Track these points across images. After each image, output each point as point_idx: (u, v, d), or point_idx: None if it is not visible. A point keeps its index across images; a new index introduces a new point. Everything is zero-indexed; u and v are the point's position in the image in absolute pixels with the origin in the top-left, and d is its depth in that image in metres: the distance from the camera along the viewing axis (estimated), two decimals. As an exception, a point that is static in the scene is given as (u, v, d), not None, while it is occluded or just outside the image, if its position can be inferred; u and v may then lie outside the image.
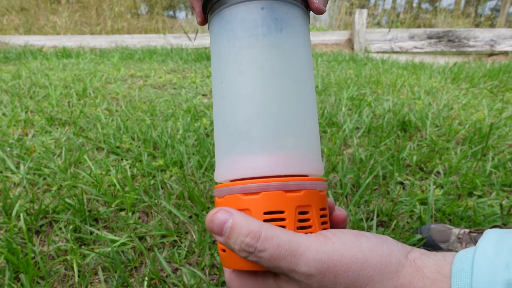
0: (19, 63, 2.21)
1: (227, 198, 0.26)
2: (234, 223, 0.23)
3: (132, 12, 5.06)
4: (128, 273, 0.63)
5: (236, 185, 0.25)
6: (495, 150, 1.04)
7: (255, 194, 0.25)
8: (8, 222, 0.72)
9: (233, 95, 0.27)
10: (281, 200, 0.25)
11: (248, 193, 0.25)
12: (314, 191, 0.26)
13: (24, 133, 1.13)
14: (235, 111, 0.26)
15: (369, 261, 0.23)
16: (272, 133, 0.26)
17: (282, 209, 0.25)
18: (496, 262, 0.20)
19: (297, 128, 0.26)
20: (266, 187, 0.25)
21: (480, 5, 5.01)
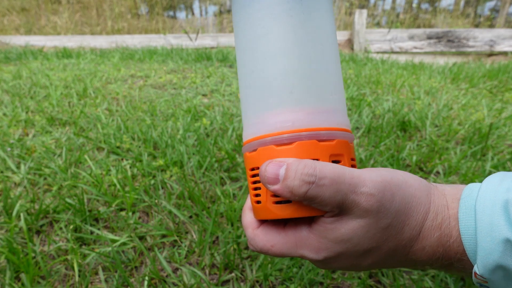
0: (19, 63, 2.21)
1: (260, 151, 0.26)
2: (289, 164, 0.24)
3: (133, 13, 5.06)
4: (128, 273, 0.63)
5: (268, 136, 0.26)
6: (494, 150, 1.05)
7: (288, 145, 0.25)
8: (9, 222, 0.72)
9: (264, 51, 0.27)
10: (315, 149, 0.25)
11: (281, 144, 0.25)
12: (345, 141, 0.27)
13: (25, 133, 1.13)
14: (266, 67, 0.27)
15: (410, 182, 0.26)
16: (302, 88, 0.26)
17: (316, 157, 0.25)
18: (499, 188, 0.24)
19: (326, 84, 0.27)
20: (299, 136, 0.25)
21: (480, 6, 5.01)
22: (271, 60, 0.26)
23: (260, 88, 0.27)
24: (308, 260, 0.29)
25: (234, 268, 0.64)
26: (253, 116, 0.27)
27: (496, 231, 0.22)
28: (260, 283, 0.62)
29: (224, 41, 3.68)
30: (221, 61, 2.41)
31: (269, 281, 0.62)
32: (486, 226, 0.23)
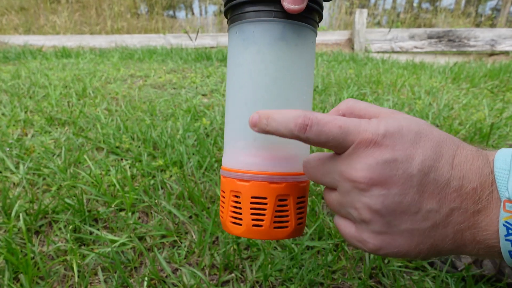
0: (18, 63, 2.21)
1: (227, 179, 0.33)
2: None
3: (132, 12, 5.05)
4: (128, 273, 0.63)
5: (233, 172, 0.32)
6: (495, 150, 1.04)
7: (246, 182, 0.31)
8: (8, 222, 0.71)
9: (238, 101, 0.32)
10: (265, 189, 0.31)
11: (241, 180, 0.32)
12: (294, 183, 0.32)
13: (24, 133, 1.12)
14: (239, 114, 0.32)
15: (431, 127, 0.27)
16: (263, 137, 0.31)
17: (265, 196, 0.31)
18: None
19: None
20: (255, 177, 0.31)
21: (481, 5, 5.00)
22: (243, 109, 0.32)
23: (233, 130, 0.33)
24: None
25: (234, 269, 0.63)
26: (228, 149, 0.34)
27: None
28: (260, 283, 0.62)
29: (224, 41, 3.67)
30: (221, 60, 2.41)
31: (269, 281, 0.61)
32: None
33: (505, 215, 0.23)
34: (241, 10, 0.31)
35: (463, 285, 0.61)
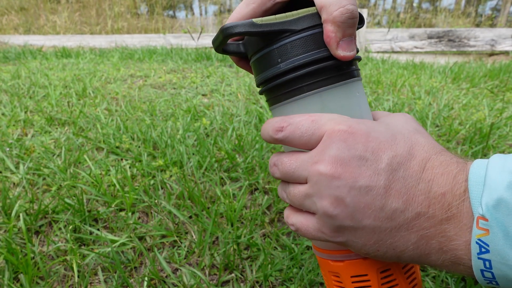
0: (18, 63, 2.21)
1: (321, 260, 0.32)
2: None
3: (132, 12, 5.05)
4: (128, 273, 0.63)
5: (325, 253, 0.31)
6: (495, 150, 1.04)
7: (340, 262, 0.30)
8: (8, 222, 0.71)
9: None
10: (362, 265, 0.29)
11: (335, 260, 0.30)
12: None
13: (24, 133, 1.12)
14: None
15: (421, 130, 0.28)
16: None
17: (365, 272, 0.29)
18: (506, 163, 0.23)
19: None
20: (348, 257, 0.29)
21: (481, 5, 5.00)
22: None
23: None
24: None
25: (234, 269, 0.63)
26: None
27: (506, 169, 0.22)
28: (260, 283, 0.62)
29: (224, 41, 3.67)
30: (221, 60, 2.41)
31: (269, 281, 0.61)
32: (498, 165, 0.23)
33: (478, 233, 0.22)
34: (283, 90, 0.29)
35: (463, 285, 0.61)
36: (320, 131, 0.26)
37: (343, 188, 0.25)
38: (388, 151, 0.25)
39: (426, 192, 0.24)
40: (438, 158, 0.25)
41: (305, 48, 0.27)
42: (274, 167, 0.30)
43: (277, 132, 0.27)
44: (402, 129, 0.27)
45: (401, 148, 0.25)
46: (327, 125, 0.26)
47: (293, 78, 0.27)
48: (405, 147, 0.25)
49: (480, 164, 0.24)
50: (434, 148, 0.26)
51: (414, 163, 0.25)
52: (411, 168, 0.25)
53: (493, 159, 0.24)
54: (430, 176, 0.24)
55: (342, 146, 0.25)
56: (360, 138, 0.25)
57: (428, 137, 0.27)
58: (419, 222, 0.24)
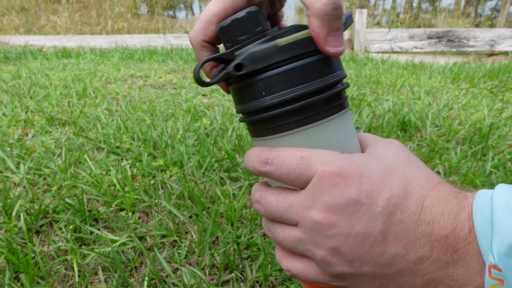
0: (19, 63, 2.21)
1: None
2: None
3: (132, 12, 5.05)
4: (128, 273, 0.63)
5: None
6: (495, 150, 1.05)
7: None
8: (8, 222, 0.72)
9: None
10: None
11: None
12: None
13: (24, 133, 1.13)
14: None
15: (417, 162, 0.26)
16: None
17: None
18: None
19: None
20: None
21: (480, 5, 5.01)
22: None
23: None
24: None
25: (234, 268, 0.64)
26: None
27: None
28: (260, 283, 0.62)
29: (224, 41, 3.67)
30: (221, 61, 2.41)
31: (269, 281, 0.62)
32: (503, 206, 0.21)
33: (492, 283, 0.21)
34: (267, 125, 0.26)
35: None
36: (309, 171, 0.24)
37: (339, 236, 0.24)
38: (383, 192, 0.23)
39: (427, 235, 0.23)
40: (435, 194, 0.24)
41: (293, 82, 0.24)
42: (257, 203, 0.27)
43: (263, 164, 0.25)
44: (394, 162, 0.25)
45: (396, 187, 0.23)
46: (316, 166, 0.24)
47: (279, 114, 0.25)
48: (400, 185, 0.24)
49: (483, 200, 0.22)
50: (430, 181, 0.24)
51: (411, 203, 0.23)
52: (408, 209, 0.23)
53: (497, 194, 0.22)
54: (430, 217, 0.23)
55: (335, 192, 0.23)
56: (352, 181, 0.23)
57: (421, 167, 0.26)
58: (423, 267, 0.23)
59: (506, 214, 0.21)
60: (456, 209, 0.23)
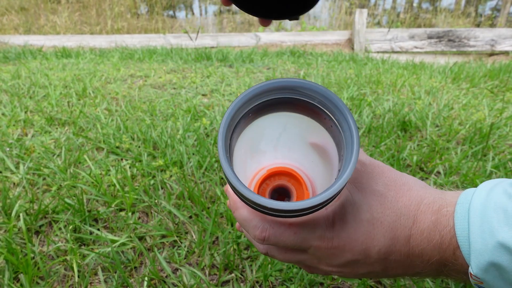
0: (18, 63, 2.21)
1: None
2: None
3: (132, 12, 5.05)
4: (128, 273, 0.63)
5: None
6: (495, 150, 1.04)
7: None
8: (8, 222, 0.71)
9: None
10: None
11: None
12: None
13: (24, 133, 1.12)
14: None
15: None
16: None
17: None
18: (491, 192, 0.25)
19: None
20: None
21: (481, 5, 5.00)
22: None
23: None
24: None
25: (234, 269, 0.63)
26: None
27: (486, 232, 0.23)
28: (260, 283, 0.62)
29: (224, 41, 3.67)
30: (221, 61, 2.41)
31: (269, 281, 0.61)
32: (477, 228, 0.24)
33: (474, 281, 0.25)
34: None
35: (463, 285, 0.61)
36: (305, 244, 0.28)
37: (348, 275, 0.30)
38: (372, 248, 0.27)
39: (420, 262, 0.27)
40: (418, 229, 0.27)
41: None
42: (265, 254, 0.32)
43: (260, 240, 0.29)
44: (375, 212, 0.27)
45: (382, 238, 0.27)
46: (310, 240, 0.28)
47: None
48: (385, 235, 0.27)
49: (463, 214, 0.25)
50: (409, 216, 0.27)
51: (399, 246, 0.27)
52: (398, 251, 0.27)
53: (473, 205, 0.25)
54: (418, 252, 0.27)
55: (334, 258, 0.28)
56: (344, 248, 0.27)
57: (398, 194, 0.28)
58: (420, 276, 0.29)
59: (480, 232, 0.24)
60: (440, 240, 0.26)
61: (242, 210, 0.29)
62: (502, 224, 0.23)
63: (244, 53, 2.62)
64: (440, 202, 0.27)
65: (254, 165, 0.32)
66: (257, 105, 0.28)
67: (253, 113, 0.28)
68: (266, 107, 0.28)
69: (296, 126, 0.31)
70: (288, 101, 0.28)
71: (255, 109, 0.28)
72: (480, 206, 0.24)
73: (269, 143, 0.33)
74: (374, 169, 0.29)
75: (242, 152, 0.31)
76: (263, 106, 0.28)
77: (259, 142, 0.32)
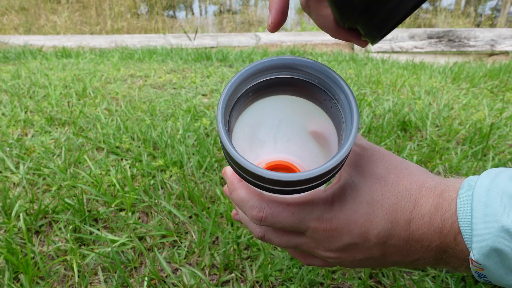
0: (18, 63, 2.21)
1: None
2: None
3: (132, 12, 5.05)
4: (128, 273, 0.63)
5: None
6: (495, 150, 1.04)
7: None
8: (8, 222, 0.71)
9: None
10: None
11: None
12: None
13: (24, 133, 1.12)
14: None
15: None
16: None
17: None
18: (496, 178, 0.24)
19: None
20: None
21: (481, 5, 5.00)
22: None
23: None
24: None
25: (234, 269, 0.63)
26: None
27: (490, 217, 0.23)
28: (260, 283, 0.62)
29: (224, 41, 3.67)
30: (221, 61, 2.41)
31: (269, 281, 0.61)
32: (481, 213, 0.23)
33: (474, 268, 0.24)
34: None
35: (463, 285, 0.61)
36: (302, 226, 0.27)
37: (345, 262, 0.29)
38: (371, 230, 0.26)
39: (419, 248, 0.26)
40: (419, 213, 0.26)
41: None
42: (261, 239, 0.31)
43: (258, 221, 0.28)
44: (375, 195, 0.27)
45: (381, 221, 0.26)
46: (308, 221, 0.27)
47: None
48: (384, 217, 0.26)
49: (466, 198, 0.25)
50: (410, 199, 0.26)
51: (399, 230, 0.26)
52: (397, 235, 0.26)
53: (478, 190, 0.24)
54: (418, 236, 0.26)
55: (332, 240, 0.27)
56: (342, 230, 0.27)
57: (399, 177, 0.27)
58: (419, 263, 0.28)
59: (483, 217, 0.23)
60: (441, 224, 0.25)
61: (239, 191, 0.28)
62: (507, 209, 0.22)
63: (244, 53, 2.62)
64: (442, 187, 0.26)
65: (252, 158, 0.32)
66: (257, 84, 0.27)
67: (253, 93, 0.28)
68: (266, 88, 0.28)
69: (296, 113, 0.30)
70: (288, 82, 0.27)
71: (255, 88, 0.27)
72: (485, 192, 0.24)
73: (269, 132, 0.32)
74: (375, 153, 0.29)
75: (241, 138, 0.30)
76: (263, 85, 0.28)
77: (259, 129, 0.32)
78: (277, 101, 0.29)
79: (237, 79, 0.26)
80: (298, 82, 0.27)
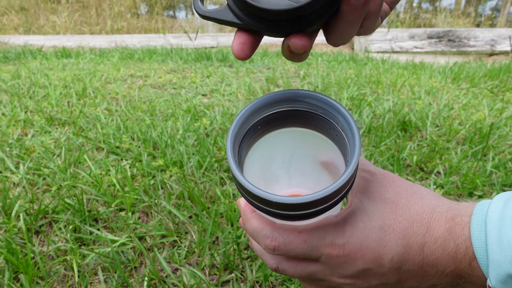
0: (18, 63, 2.21)
1: None
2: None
3: (132, 12, 5.05)
4: (128, 273, 0.63)
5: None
6: (495, 150, 1.04)
7: None
8: (8, 222, 0.71)
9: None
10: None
11: None
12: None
13: (24, 133, 1.12)
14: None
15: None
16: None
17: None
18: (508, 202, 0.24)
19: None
20: None
21: (481, 5, 5.01)
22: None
23: None
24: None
25: (234, 269, 0.63)
26: None
27: (505, 243, 0.23)
28: (260, 283, 0.62)
29: (224, 41, 3.67)
30: (221, 60, 2.41)
31: (269, 281, 0.61)
32: (495, 238, 0.23)
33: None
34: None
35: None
36: (315, 253, 0.27)
37: (362, 286, 0.28)
38: (384, 255, 0.26)
39: (435, 272, 0.26)
40: (432, 238, 0.26)
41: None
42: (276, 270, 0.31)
43: (271, 250, 0.28)
44: (387, 219, 0.27)
45: (395, 246, 0.26)
46: (320, 248, 0.27)
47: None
48: (397, 242, 0.26)
49: (479, 223, 0.24)
50: (422, 223, 0.26)
51: (412, 255, 0.26)
52: (411, 260, 0.26)
53: (491, 216, 0.24)
54: (432, 261, 0.26)
55: (346, 266, 0.27)
56: (355, 256, 0.26)
57: (410, 202, 0.27)
58: (436, 286, 0.27)
59: (498, 243, 0.23)
60: (455, 248, 0.25)
61: (252, 221, 0.29)
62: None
63: (244, 53, 2.62)
64: (454, 212, 0.26)
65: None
66: (265, 117, 0.29)
67: (261, 126, 0.29)
68: (274, 121, 0.29)
69: (306, 145, 0.31)
70: (295, 114, 0.29)
71: (263, 121, 0.29)
72: (498, 217, 0.23)
73: (282, 167, 0.33)
74: (384, 178, 0.29)
75: (254, 173, 0.31)
76: (271, 119, 0.29)
77: (271, 164, 0.33)
78: (286, 134, 0.30)
79: (245, 113, 0.27)
80: (304, 114, 0.28)
